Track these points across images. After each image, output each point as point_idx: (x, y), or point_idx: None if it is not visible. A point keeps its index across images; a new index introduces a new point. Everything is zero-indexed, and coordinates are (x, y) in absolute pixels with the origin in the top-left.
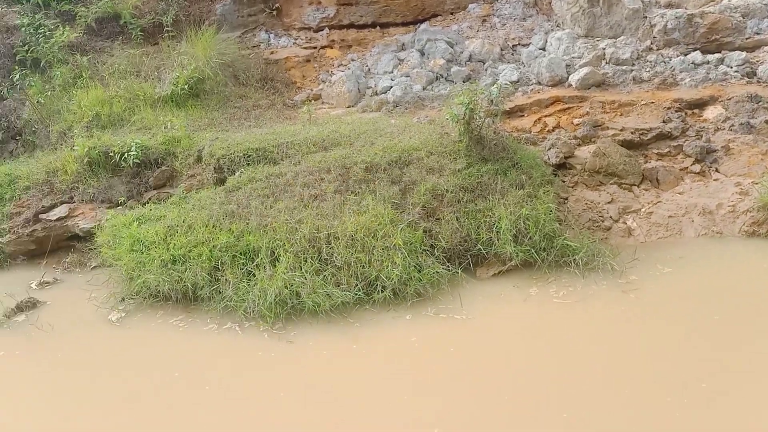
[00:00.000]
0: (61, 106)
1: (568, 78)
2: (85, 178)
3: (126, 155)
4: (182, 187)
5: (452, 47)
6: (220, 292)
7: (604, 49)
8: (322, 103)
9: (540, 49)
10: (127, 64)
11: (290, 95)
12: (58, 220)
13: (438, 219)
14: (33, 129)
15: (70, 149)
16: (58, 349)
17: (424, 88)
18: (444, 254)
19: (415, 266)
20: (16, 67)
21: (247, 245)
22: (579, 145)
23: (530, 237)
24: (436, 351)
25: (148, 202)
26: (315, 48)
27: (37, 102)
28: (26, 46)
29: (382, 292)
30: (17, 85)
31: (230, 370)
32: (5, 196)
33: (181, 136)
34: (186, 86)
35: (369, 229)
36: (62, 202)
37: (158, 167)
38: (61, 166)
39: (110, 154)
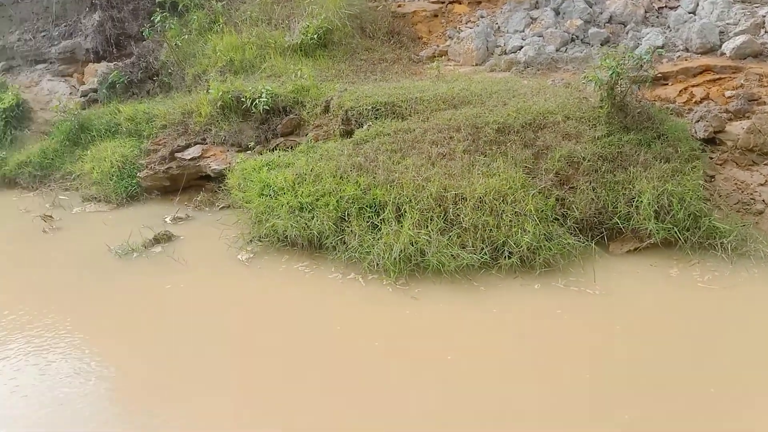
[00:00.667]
0: (196, 50)
1: (720, 46)
2: (217, 121)
3: (257, 101)
4: (310, 136)
5: (591, 7)
6: (344, 243)
7: (764, 16)
8: (449, 60)
9: (690, 12)
10: (258, 11)
11: (416, 50)
12: (191, 159)
13: (572, 188)
14: (169, 71)
15: (205, 92)
16: (192, 282)
17: (557, 50)
18: (576, 225)
19: (544, 235)
20: (157, 10)
21: (374, 199)
22: (731, 119)
23: (673, 215)
24: (569, 325)
25: (275, 149)
26: (443, 3)
27: (175, 45)
28: None
29: (509, 258)
30: (157, 27)
31: (354, 319)
32: (143, 133)
33: (309, 85)
34: (315, 36)
35: (499, 193)
36: (195, 143)
37: (286, 115)
38: (195, 108)
39: (242, 99)
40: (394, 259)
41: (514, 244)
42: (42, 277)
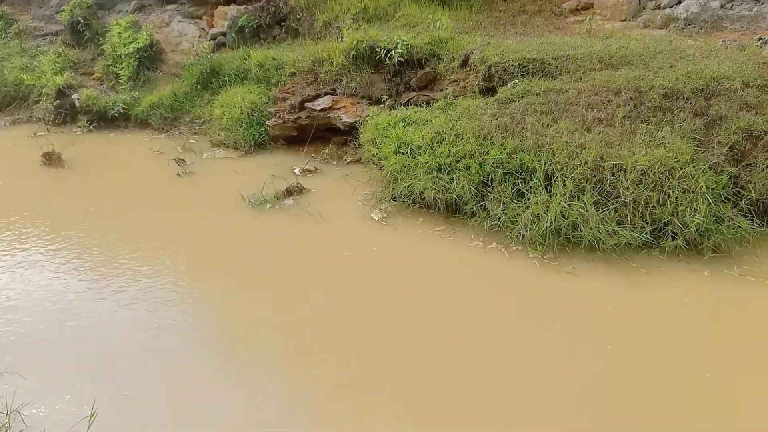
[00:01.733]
0: None
1: None
2: (348, 71)
3: (392, 52)
4: (449, 91)
5: None
6: (485, 209)
7: None
8: (594, 13)
9: None
10: None
11: (558, 1)
12: (322, 110)
13: (749, 165)
14: (297, 16)
15: (337, 40)
16: (327, 238)
17: (722, 6)
18: (752, 207)
19: (714, 216)
20: None
21: (521, 164)
22: None
23: None
24: (750, 322)
25: (408, 103)
26: None
27: None
28: None
29: (673, 239)
30: None
31: (503, 292)
32: (272, 80)
33: (447, 37)
34: None
35: (664, 166)
36: (326, 93)
37: (421, 68)
38: (327, 56)
39: (376, 49)
40: (544, 231)
41: (681, 224)
42: (180, 224)
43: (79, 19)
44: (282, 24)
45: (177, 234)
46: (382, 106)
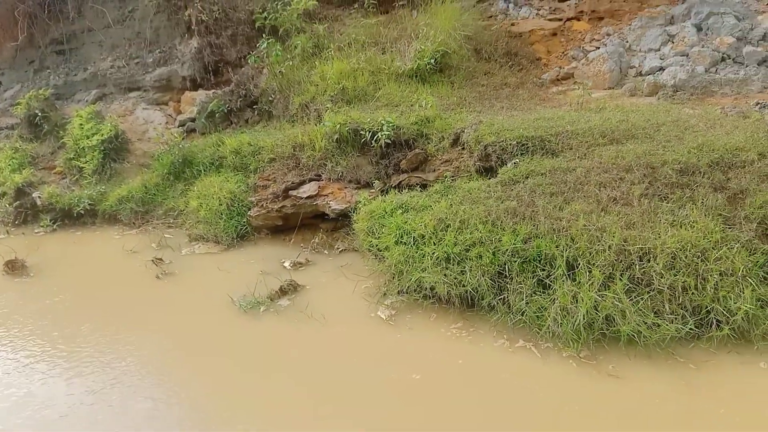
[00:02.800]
0: (301, 77)
1: None
2: (333, 155)
3: (379, 134)
4: (448, 175)
5: (740, 22)
6: (505, 303)
7: None
8: (575, 83)
9: None
10: (364, 34)
11: (537, 73)
12: (308, 198)
13: None
14: (270, 98)
15: (317, 124)
16: (332, 343)
17: (706, 71)
18: None
19: (758, 300)
20: (262, 36)
21: (538, 251)
22: None
23: None
24: None
25: (399, 186)
26: (561, 20)
27: (279, 72)
28: (265, 12)
29: (718, 327)
30: (262, 53)
31: (540, 403)
32: (250, 167)
33: (433, 116)
34: (432, 60)
35: (695, 247)
36: (310, 179)
37: (408, 149)
38: (308, 140)
39: (360, 132)
40: (576, 326)
41: (725, 311)
42: (164, 335)
43: (37, 111)
44: (254, 107)
45: (161, 348)
46: (372, 190)
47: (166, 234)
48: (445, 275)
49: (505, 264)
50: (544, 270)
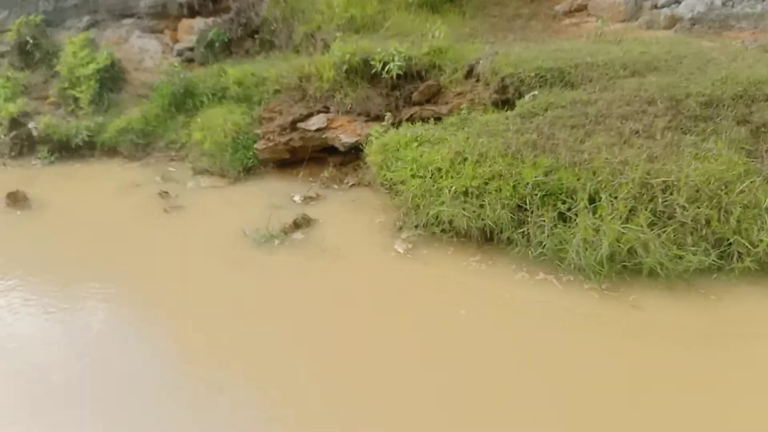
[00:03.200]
0: (305, 5)
1: None
2: (341, 86)
3: (391, 65)
4: (465, 107)
5: None
6: (525, 236)
7: None
8: (588, 15)
9: None
10: None
11: (550, 4)
12: (317, 130)
13: None
14: (272, 27)
15: (324, 54)
16: (350, 277)
17: (723, 4)
18: None
19: None
20: None
21: (560, 184)
22: None
23: None
24: None
25: (411, 119)
26: None
27: (282, 0)
28: None
29: (740, 259)
30: None
31: (561, 334)
32: (253, 98)
33: (445, 46)
34: None
35: (720, 180)
36: (318, 111)
37: (420, 80)
38: (315, 71)
39: (371, 62)
40: (599, 258)
41: (749, 243)
42: (177, 270)
43: (27, 38)
44: (255, 36)
45: (175, 283)
46: (383, 123)
47: (169, 167)
48: (463, 209)
49: (525, 197)
50: (565, 203)
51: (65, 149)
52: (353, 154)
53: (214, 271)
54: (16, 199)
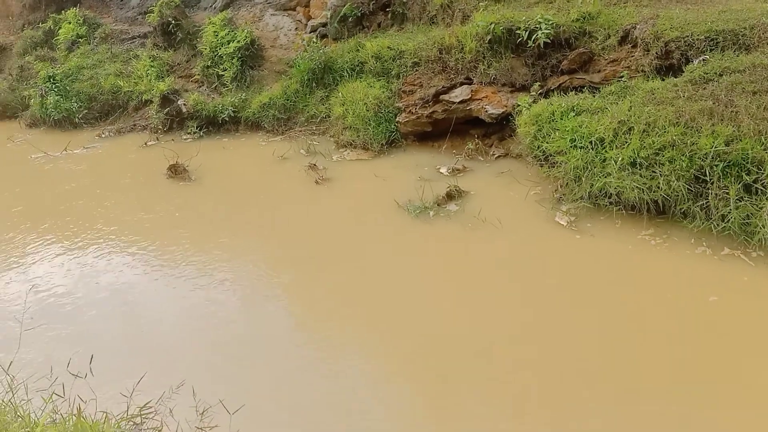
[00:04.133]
0: None
1: None
2: (484, 57)
3: (538, 33)
4: (626, 75)
5: None
6: (704, 209)
7: None
8: None
9: None
10: None
11: None
12: (461, 102)
13: None
14: (403, 0)
15: (463, 24)
16: (515, 251)
17: None
18: None
19: None
20: None
21: (743, 154)
22: None
23: None
24: None
25: (560, 89)
26: None
27: None
28: None
29: None
30: None
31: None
32: (391, 72)
33: (596, 11)
34: None
35: None
36: (461, 83)
37: (567, 48)
38: (455, 43)
39: (516, 31)
40: None
41: None
42: (340, 241)
43: (170, 19)
44: (387, 10)
45: (335, 251)
46: (531, 93)
47: (311, 141)
48: (634, 180)
49: (703, 168)
50: (750, 174)
51: (212, 124)
52: (496, 125)
53: (373, 241)
54: (176, 171)
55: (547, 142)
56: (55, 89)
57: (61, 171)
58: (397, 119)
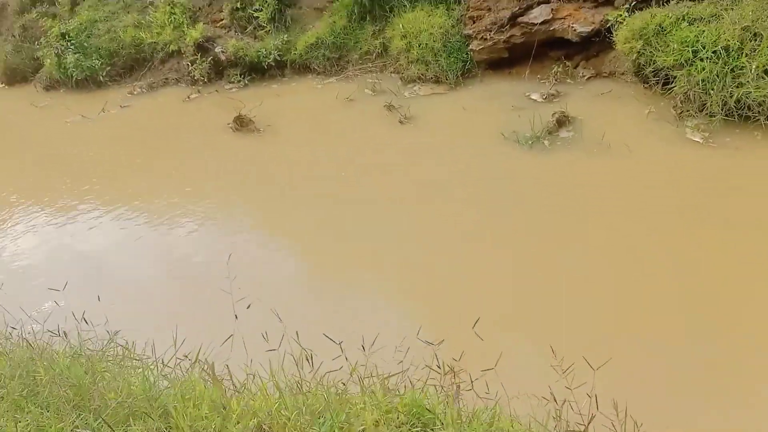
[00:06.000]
0: None
1: None
2: None
3: None
4: None
5: None
6: None
7: None
8: None
9: None
10: None
11: None
12: (543, 23)
13: None
14: None
15: None
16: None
17: None
18: None
19: None
20: None
21: None
22: None
23: None
24: None
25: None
26: None
27: None
28: None
29: None
30: None
31: None
32: None
33: None
34: None
35: None
36: (537, 3)
37: None
38: None
39: None
40: None
41: None
42: (461, 177)
43: None
44: None
45: (473, 195)
46: (617, 6)
47: (370, 78)
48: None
49: None
50: None
51: (255, 70)
52: (579, 45)
53: (500, 178)
54: (242, 123)
55: (663, 56)
56: (72, 47)
57: (107, 133)
58: (469, 47)
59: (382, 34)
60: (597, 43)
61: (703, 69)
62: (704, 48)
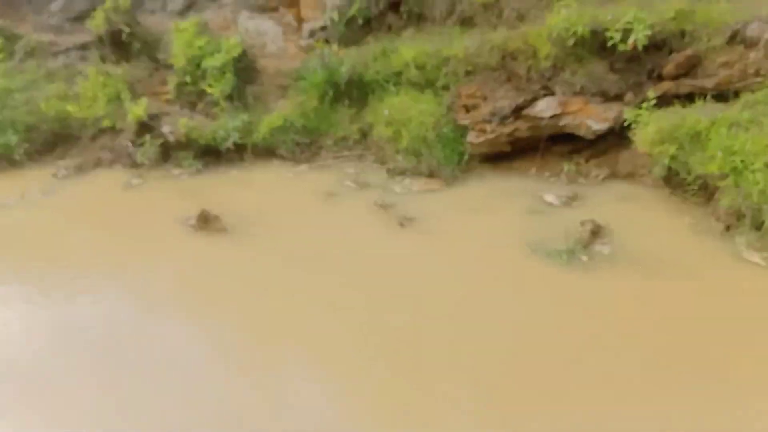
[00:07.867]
0: None
1: None
2: (564, 63)
3: (639, 35)
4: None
5: None
6: None
7: None
8: None
9: None
10: None
11: None
12: (551, 117)
13: None
14: None
15: (518, 26)
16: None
17: None
18: None
19: None
20: None
21: None
22: None
23: None
24: None
25: (661, 98)
26: None
27: None
28: None
29: None
30: None
31: None
32: (437, 83)
33: (688, 9)
34: None
35: None
36: (544, 95)
37: (659, 50)
38: (523, 47)
39: (605, 33)
40: None
41: None
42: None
43: (121, 27)
44: (398, 9)
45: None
46: (628, 102)
47: (348, 168)
48: None
49: None
50: None
51: (209, 154)
52: (586, 141)
53: (539, 307)
54: (206, 221)
55: (697, 164)
56: None
57: (29, 227)
58: (467, 139)
59: (361, 118)
60: (607, 139)
61: (757, 183)
62: (751, 156)
